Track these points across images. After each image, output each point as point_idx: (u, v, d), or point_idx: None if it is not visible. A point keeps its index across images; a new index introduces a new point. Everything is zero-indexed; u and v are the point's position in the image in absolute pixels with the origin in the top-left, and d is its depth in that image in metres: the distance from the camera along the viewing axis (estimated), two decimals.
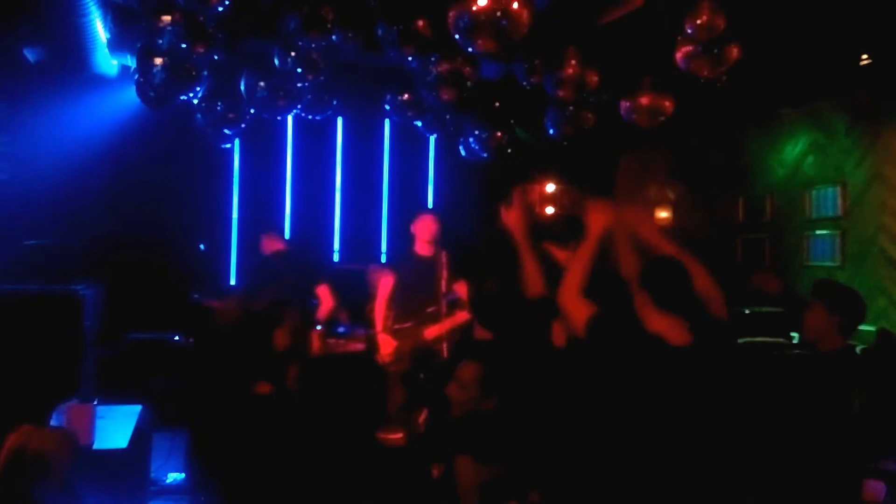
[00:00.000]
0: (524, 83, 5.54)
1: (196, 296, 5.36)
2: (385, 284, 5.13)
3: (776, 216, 7.30)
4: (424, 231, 5.07)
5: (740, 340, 5.67)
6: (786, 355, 5.16)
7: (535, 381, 2.96)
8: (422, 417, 4.70)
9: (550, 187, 8.97)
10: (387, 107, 6.49)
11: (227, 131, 6.34)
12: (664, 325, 2.49)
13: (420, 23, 4.66)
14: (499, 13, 3.66)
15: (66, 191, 6.52)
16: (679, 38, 4.68)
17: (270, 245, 5.66)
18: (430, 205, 8.48)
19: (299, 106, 6.09)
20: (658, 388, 2.46)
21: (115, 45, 5.77)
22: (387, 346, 5.02)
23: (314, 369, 5.49)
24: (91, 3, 4.77)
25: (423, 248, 5.10)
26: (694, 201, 8.36)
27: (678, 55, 4.73)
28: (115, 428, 3.57)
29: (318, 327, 5.56)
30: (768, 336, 5.84)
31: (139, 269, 5.37)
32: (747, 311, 6.39)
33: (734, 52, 4.59)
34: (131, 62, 5.86)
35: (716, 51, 4.56)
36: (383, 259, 8.05)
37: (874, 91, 6.22)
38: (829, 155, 6.77)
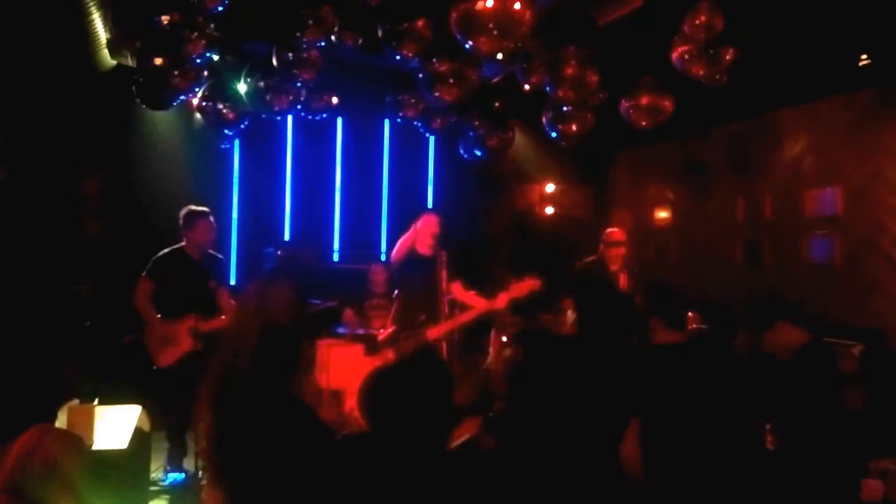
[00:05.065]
0: (524, 83, 5.55)
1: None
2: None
3: (775, 216, 7.30)
4: (425, 231, 5.07)
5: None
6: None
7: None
8: None
9: (550, 187, 8.98)
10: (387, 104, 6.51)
11: (227, 131, 6.35)
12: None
13: (420, 23, 4.67)
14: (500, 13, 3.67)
15: (66, 191, 6.53)
16: (676, 38, 4.69)
17: None
18: (430, 205, 8.48)
19: (299, 106, 6.10)
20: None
21: (115, 45, 5.78)
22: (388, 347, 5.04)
23: None
24: (91, 4, 4.77)
25: (423, 247, 5.11)
26: (693, 201, 8.37)
27: (675, 56, 4.75)
28: (114, 428, 3.57)
29: None
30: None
31: (138, 269, 5.39)
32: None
33: (730, 52, 4.60)
34: (132, 62, 5.87)
35: (712, 51, 4.57)
36: (383, 258, 8.05)
37: (873, 91, 6.23)
38: (828, 154, 6.77)
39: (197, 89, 5.67)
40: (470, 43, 3.89)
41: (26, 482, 2.09)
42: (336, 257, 8.10)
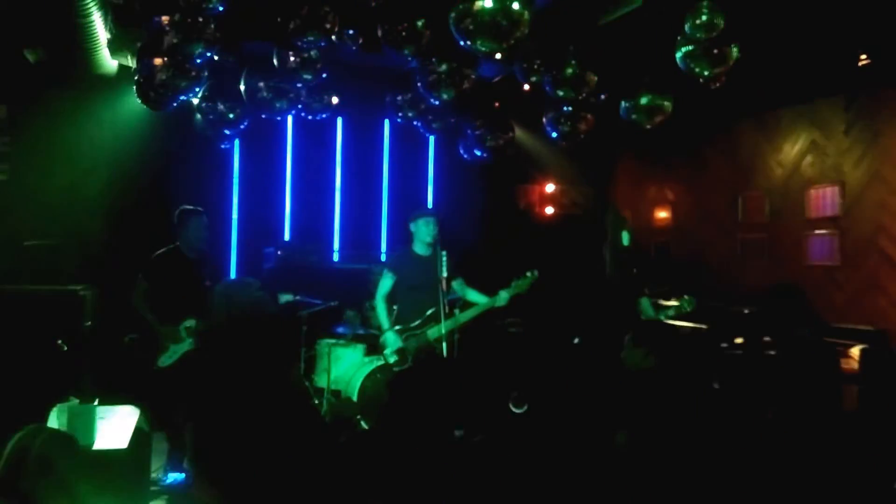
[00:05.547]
0: (524, 83, 5.56)
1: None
2: (383, 286, 5.15)
3: (775, 216, 7.31)
4: (422, 231, 5.08)
5: (738, 340, 5.68)
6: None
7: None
8: None
9: (550, 187, 8.99)
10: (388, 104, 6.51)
11: (227, 131, 6.35)
12: None
13: (420, 23, 4.67)
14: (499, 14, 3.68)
15: (67, 191, 6.53)
16: (679, 37, 4.69)
17: None
18: (430, 205, 8.49)
19: (299, 106, 6.10)
20: None
21: (115, 45, 5.78)
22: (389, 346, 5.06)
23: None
24: (91, 4, 4.77)
25: (421, 247, 5.11)
26: (693, 201, 8.37)
27: (678, 55, 4.75)
28: (115, 428, 3.57)
29: None
30: (767, 336, 5.84)
31: (138, 269, 5.40)
32: (746, 311, 6.40)
33: (734, 52, 4.60)
34: (132, 63, 5.88)
35: (716, 51, 4.57)
36: (383, 259, 8.06)
37: (873, 91, 6.23)
38: (827, 154, 6.78)
39: (197, 89, 5.67)
40: (468, 43, 3.89)
41: (20, 482, 2.10)
42: (336, 257, 8.10)
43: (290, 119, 7.74)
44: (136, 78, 5.37)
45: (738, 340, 5.75)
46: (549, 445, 2.41)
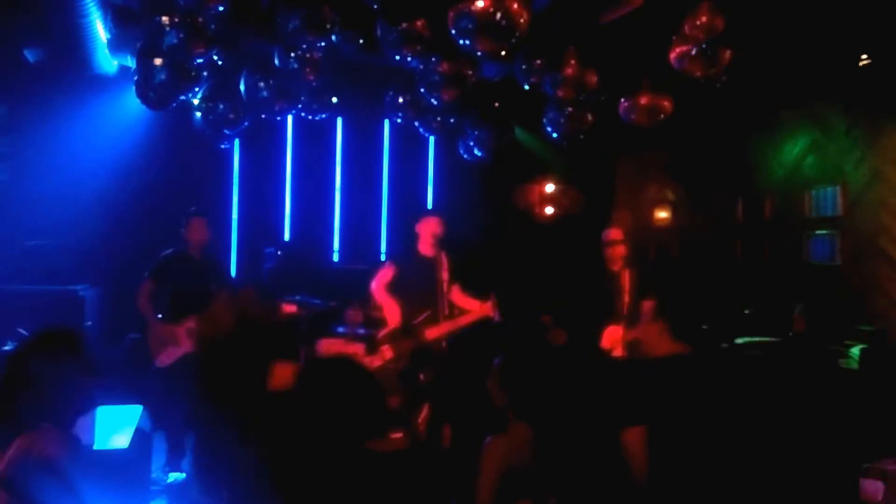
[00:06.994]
0: (524, 83, 5.55)
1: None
2: (384, 275, 5.10)
3: (776, 216, 7.31)
4: (428, 231, 5.07)
5: (739, 340, 5.68)
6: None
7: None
8: (422, 417, 4.71)
9: (550, 187, 8.97)
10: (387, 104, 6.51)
11: (227, 131, 6.35)
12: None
13: (420, 23, 4.67)
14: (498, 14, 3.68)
15: (67, 191, 6.53)
16: (675, 38, 4.69)
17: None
18: (429, 205, 8.49)
19: (299, 106, 6.10)
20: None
21: (115, 45, 5.78)
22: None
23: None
24: (91, 4, 4.78)
25: (425, 247, 5.10)
26: (693, 201, 8.37)
27: (673, 55, 4.75)
28: (115, 428, 3.57)
29: None
30: (767, 336, 5.85)
31: (139, 269, 5.41)
32: (746, 311, 6.40)
33: (728, 53, 4.60)
34: (132, 63, 5.88)
35: (710, 52, 4.58)
36: (383, 259, 8.06)
37: (873, 91, 6.22)
38: (828, 155, 6.77)
39: (197, 89, 5.67)
40: (468, 43, 3.89)
41: (23, 481, 2.10)
42: (336, 257, 8.10)
43: (290, 119, 7.74)
44: (135, 78, 5.37)
45: (739, 341, 5.75)
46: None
